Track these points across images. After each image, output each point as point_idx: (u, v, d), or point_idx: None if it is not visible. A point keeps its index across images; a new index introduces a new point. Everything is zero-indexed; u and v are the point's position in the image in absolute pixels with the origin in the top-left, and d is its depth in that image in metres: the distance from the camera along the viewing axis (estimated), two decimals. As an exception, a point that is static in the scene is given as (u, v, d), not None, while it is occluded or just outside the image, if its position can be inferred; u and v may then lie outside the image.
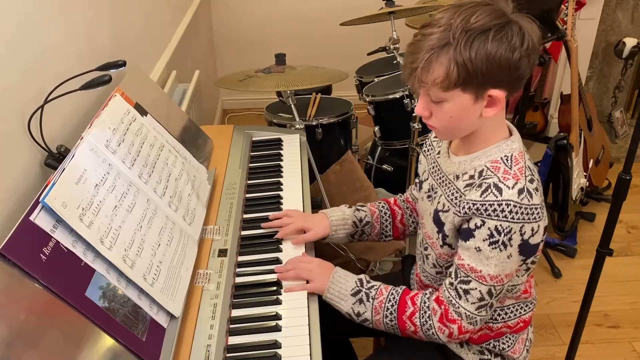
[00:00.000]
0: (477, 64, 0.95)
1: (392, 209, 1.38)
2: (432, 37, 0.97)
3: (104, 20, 1.52)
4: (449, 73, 0.97)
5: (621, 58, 2.99)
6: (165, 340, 0.97)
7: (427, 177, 1.23)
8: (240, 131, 1.68)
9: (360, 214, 1.34)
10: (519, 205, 1.00)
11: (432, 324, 1.09)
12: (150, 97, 1.38)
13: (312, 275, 1.16)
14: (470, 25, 0.95)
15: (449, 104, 1.01)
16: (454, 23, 0.96)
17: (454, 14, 0.97)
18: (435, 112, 1.05)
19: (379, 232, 1.37)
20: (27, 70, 1.08)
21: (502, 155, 1.06)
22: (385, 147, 2.42)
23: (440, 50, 0.97)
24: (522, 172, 1.04)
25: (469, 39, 0.95)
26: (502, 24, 0.96)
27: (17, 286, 0.80)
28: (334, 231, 1.31)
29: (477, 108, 1.02)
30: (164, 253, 1.07)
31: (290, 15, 3.51)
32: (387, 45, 2.22)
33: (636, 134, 1.33)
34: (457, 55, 0.95)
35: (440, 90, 1.00)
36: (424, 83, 1.01)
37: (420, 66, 0.99)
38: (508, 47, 0.96)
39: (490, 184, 1.02)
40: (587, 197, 2.73)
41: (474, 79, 0.97)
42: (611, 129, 3.21)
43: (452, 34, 0.96)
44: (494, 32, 0.95)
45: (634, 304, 2.20)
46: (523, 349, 1.25)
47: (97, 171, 1.01)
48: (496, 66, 0.96)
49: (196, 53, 2.90)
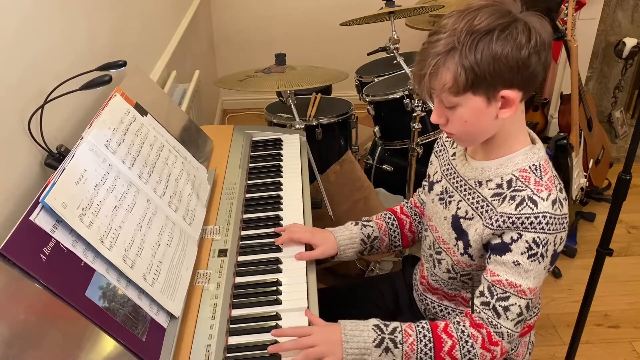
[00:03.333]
0: (483, 66, 0.95)
1: (399, 218, 1.35)
2: (438, 43, 0.97)
3: (104, 20, 1.52)
4: (457, 77, 0.96)
5: (621, 58, 2.99)
6: (165, 340, 0.97)
7: (439, 178, 1.21)
8: (240, 131, 1.68)
9: (367, 230, 1.31)
10: (554, 217, 0.99)
11: (475, 352, 1.03)
12: (150, 97, 1.38)
13: (319, 345, 1.01)
14: (473, 28, 0.95)
15: (462, 108, 1.00)
16: (458, 27, 0.96)
17: (458, 18, 0.97)
18: (451, 118, 1.04)
19: (388, 244, 1.34)
20: (27, 70, 1.08)
21: (530, 164, 1.05)
22: (385, 147, 2.41)
23: (446, 55, 0.96)
24: (552, 182, 1.03)
25: (474, 41, 0.94)
26: (506, 23, 0.95)
27: (17, 286, 0.80)
28: (342, 251, 1.28)
29: (492, 110, 1.00)
30: (164, 253, 1.07)
31: (290, 15, 3.51)
32: (387, 45, 2.22)
33: (636, 134, 1.33)
34: (463, 58, 0.95)
35: (451, 95, 0.99)
36: (433, 90, 1.00)
37: (428, 72, 0.98)
38: (514, 46, 0.94)
39: (524, 197, 1.01)
40: (587, 197, 2.73)
41: (483, 81, 0.96)
42: (611, 129, 3.21)
43: (456, 38, 0.95)
44: (498, 32, 0.94)
45: (634, 304, 2.20)
46: (526, 352, 1.25)
47: (97, 171, 1.01)
48: (503, 66, 0.95)
49: (196, 53, 2.90)
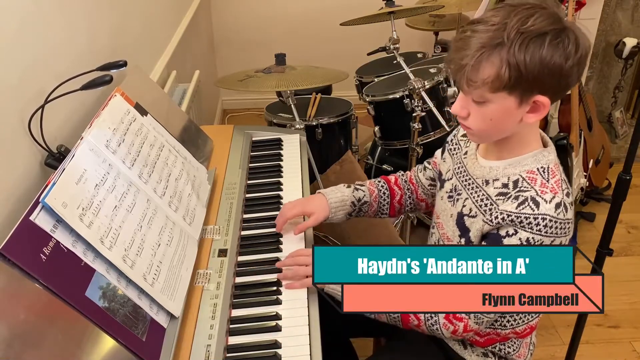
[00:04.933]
0: (530, 68, 0.92)
1: (391, 188, 1.35)
2: (484, 35, 0.94)
3: (104, 20, 1.52)
4: (500, 74, 0.94)
5: (621, 58, 2.99)
6: (165, 340, 0.97)
7: (451, 176, 1.20)
8: (240, 131, 1.68)
9: (358, 194, 1.32)
10: (554, 220, 0.99)
11: (437, 320, 1.08)
12: (150, 97, 1.38)
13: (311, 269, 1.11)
14: (527, 28, 0.92)
15: (492, 105, 0.99)
16: (509, 23, 0.93)
17: (510, 14, 0.94)
18: (475, 113, 1.02)
19: (375, 211, 1.35)
20: (27, 70, 1.08)
21: (538, 166, 1.04)
22: (385, 147, 2.42)
23: (492, 49, 0.93)
24: (559, 185, 1.02)
25: (524, 41, 0.92)
26: (559, 29, 0.93)
27: (17, 286, 0.80)
28: (333, 213, 1.29)
29: (520, 112, 0.99)
30: (164, 253, 1.07)
31: (290, 15, 3.51)
32: (387, 45, 2.22)
33: (636, 134, 1.33)
34: (511, 56, 0.92)
35: (488, 91, 0.97)
36: (472, 82, 0.97)
37: (471, 64, 0.95)
38: (563, 54, 0.93)
39: (527, 197, 1.00)
40: (587, 197, 2.73)
41: (524, 82, 0.94)
42: (611, 129, 3.21)
43: (507, 33, 0.92)
44: (550, 37, 0.92)
45: (634, 304, 2.20)
46: (527, 353, 1.25)
47: (97, 171, 1.01)
48: (548, 72, 0.93)
49: (196, 53, 2.90)
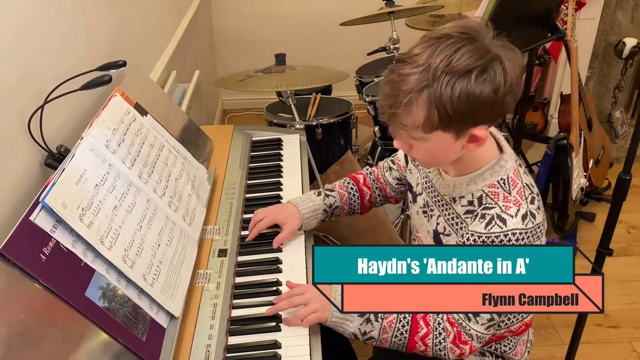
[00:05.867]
0: (458, 106, 0.92)
1: (360, 189, 1.36)
2: (410, 79, 0.93)
3: (104, 20, 1.52)
4: (430, 116, 0.93)
5: (621, 58, 2.99)
6: (165, 340, 0.97)
7: (421, 191, 1.21)
8: (240, 131, 1.68)
9: (330, 200, 1.32)
10: (524, 231, 0.99)
11: (445, 345, 1.06)
12: (150, 97, 1.38)
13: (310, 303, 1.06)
14: (451, 68, 0.90)
15: (429, 142, 0.99)
16: (433, 63, 0.91)
17: (434, 53, 0.92)
18: (416, 147, 1.02)
19: (347, 212, 1.37)
20: (27, 70, 1.08)
21: (498, 179, 1.04)
22: (385, 147, 2.41)
23: (419, 93, 0.92)
24: (522, 194, 1.02)
25: (450, 81, 0.90)
26: (484, 63, 0.91)
27: (17, 286, 0.80)
28: (306, 223, 1.29)
29: (459, 143, 1.00)
30: (164, 253, 1.07)
31: (290, 15, 3.51)
32: (387, 45, 2.22)
33: (636, 134, 1.33)
34: (437, 98, 0.91)
35: (422, 132, 0.97)
36: (404, 126, 0.97)
37: (399, 112, 0.95)
38: (491, 87, 0.92)
39: (493, 215, 1.01)
40: (587, 197, 2.72)
41: (456, 120, 0.94)
42: (611, 129, 3.21)
43: (431, 75, 0.91)
44: (477, 73, 0.91)
45: (634, 304, 2.20)
46: (524, 351, 1.24)
47: (97, 171, 1.01)
48: (479, 107, 0.93)
49: (196, 53, 2.90)
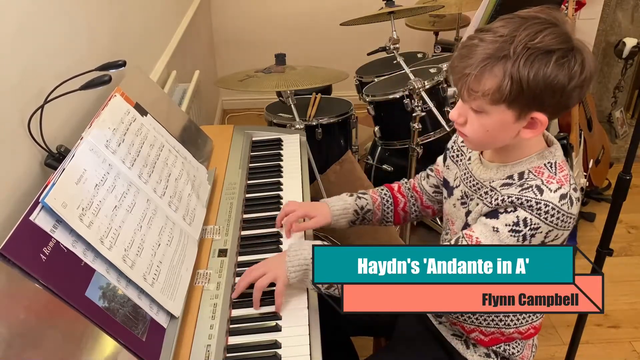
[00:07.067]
0: (532, 85, 0.91)
1: (394, 196, 1.35)
2: (491, 46, 0.93)
3: (104, 20, 1.52)
4: (502, 87, 0.93)
5: (621, 58, 2.99)
6: (165, 340, 0.97)
7: (458, 183, 1.19)
8: (240, 131, 1.68)
9: (361, 202, 1.32)
10: (557, 209, 0.97)
11: None
12: (150, 97, 1.38)
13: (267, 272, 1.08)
14: (534, 43, 0.91)
15: (490, 116, 0.98)
16: (517, 36, 0.91)
17: (519, 27, 0.92)
18: (471, 121, 1.01)
19: (380, 219, 1.35)
20: (27, 70, 1.08)
21: (545, 162, 1.03)
22: (385, 147, 2.42)
23: (497, 61, 0.92)
24: (567, 179, 1.01)
25: (530, 56, 0.91)
26: (567, 49, 0.92)
27: (17, 286, 0.80)
28: (335, 220, 1.29)
29: (516, 127, 0.99)
30: (164, 253, 1.07)
31: (290, 15, 3.51)
32: (387, 45, 2.22)
33: (636, 134, 1.33)
34: (515, 70, 0.91)
35: (487, 103, 0.96)
36: (473, 91, 0.96)
37: (474, 74, 0.94)
38: (567, 74, 0.92)
39: (532, 185, 0.99)
40: (587, 197, 2.73)
41: (524, 98, 0.93)
42: (611, 129, 3.21)
43: (513, 47, 0.91)
44: (557, 56, 0.91)
45: (634, 304, 2.20)
46: (530, 355, 1.25)
47: (97, 171, 1.01)
48: (550, 90, 0.92)
49: (196, 53, 2.90)
